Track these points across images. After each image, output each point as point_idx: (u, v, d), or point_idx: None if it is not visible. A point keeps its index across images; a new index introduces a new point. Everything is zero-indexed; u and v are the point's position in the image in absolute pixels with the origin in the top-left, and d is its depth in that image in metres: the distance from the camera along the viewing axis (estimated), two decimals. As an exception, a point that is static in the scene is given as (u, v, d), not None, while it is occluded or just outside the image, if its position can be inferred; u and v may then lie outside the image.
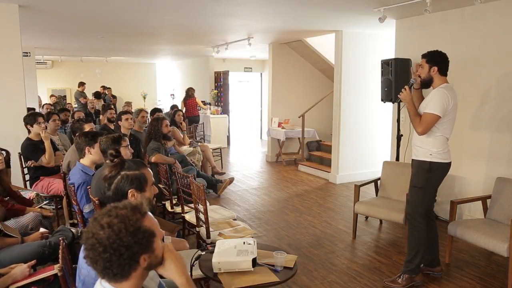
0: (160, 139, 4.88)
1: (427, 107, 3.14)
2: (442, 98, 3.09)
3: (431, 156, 3.17)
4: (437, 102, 3.09)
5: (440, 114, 3.09)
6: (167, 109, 11.15)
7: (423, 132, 3.16)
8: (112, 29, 6.54)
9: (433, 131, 3.16)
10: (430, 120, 3.12)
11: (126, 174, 2.02)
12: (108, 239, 1.19)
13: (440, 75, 3.20)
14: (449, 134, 3.22)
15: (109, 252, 1.19)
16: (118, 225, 1.21)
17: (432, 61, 3.19)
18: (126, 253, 1.21)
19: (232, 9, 4.97)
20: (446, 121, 3.14)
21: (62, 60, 12.31)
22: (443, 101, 3.08)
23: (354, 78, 6.59)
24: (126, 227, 1.22)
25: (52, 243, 2.70)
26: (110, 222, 1.21)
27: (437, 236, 3.43)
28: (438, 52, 3.22)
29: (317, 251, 3.96)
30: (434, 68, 3.18)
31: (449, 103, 3.09)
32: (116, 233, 1.20)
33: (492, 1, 4.21)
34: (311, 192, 6.20)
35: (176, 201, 4.09)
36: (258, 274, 2.33)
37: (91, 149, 3.12)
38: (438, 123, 3.13)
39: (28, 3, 4.52)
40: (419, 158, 3.24)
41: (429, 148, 3.18)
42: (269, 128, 8.63)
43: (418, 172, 3.26)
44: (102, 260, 1.20)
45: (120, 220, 1.22)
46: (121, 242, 1.20)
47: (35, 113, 4.55)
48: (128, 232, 1.21)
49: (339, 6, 4.81)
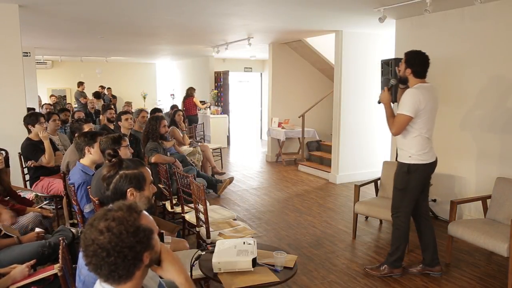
0: (157, 139, 4.85)
1: (399, 108, 3.18)
2: (413, 99, 3.10)
3: (410, 158, 3.21)
4: (408, 103, 3.11)
5: (412, 115, 3.10)
6: (167, 109, 11.15)
7: (396, 133, 3.22)
8: (112, 29, 6.54)
9: (409, 131, 3.18)
10: (401, 121, 3.14)
11: (124, 173, 2.02)
12: (110, 242, 1.18)
13: (415, 77, 3.19)
14: (429, 134, 3.21)
15: (113, 256, 1.18)
16: (117, 228, 1.20)
17: (408, 63, 3.19)
18: (130, 254, 1.21)
19: (232, 9, 4.97)
20: (420, 121, 3.14)
21: (62, 60, 12.32)
22: (414, 101, 3.09)
23: (354, 78, 6.59)
24: (126, 228, 1.21)
25: (52, 243, 2.70)
26: (108, 225, 1.20)
27: (434, 236, 3.44)
28: (418, 54, 3.20)
29: (317, 251, 3.96)
30: (408, 69, 3.19)
31: (421, 103, 3.08)
32: (117, 236, 1.19)
33: (492, 1, 4.21)
34: (311, 192, 6.20)
35: (176, 201, 4.09)
36: (258, 274, 2.33)
37: (91, 149, 3.12)
38: (413, 123, 3.14)
39: (28, 3, 4.52)
40: (400, 160, 3.31)
41: (408, 149, 3.21)
42: (269, 128, 8.63)
43: (398, 174, 3.33)
44: (107, 265, 1.19)
45: (118, 223, 1.21)
46: (124, 243, 1.20)
47: (37, 113, 4.55)
48: (129, 233, 1.21)
49: (339, 6, 4.81)
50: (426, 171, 3.27)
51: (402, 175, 3.27)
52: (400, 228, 3.34)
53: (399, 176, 3.31)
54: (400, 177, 3.30)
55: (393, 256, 3.38)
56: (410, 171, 3.21)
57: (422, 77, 3.20)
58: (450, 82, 4.77)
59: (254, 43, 7.67)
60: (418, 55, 3.20)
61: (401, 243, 3.36)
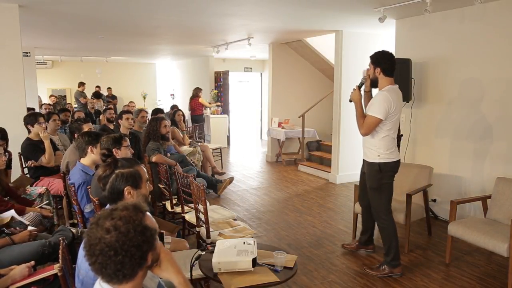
0: (158, 139, 4.88)
1: (370, 110, 3.27)
2: (385, 102, 3.18)
3: (379, 158, 3.31)
4: (379, 105, 3.19)
5: (382, 118, 3.20)
6: (167, 109, 11.15)
7: (366, 134, 3.32)
8: (112, 29, 6.54)
9: (378, 132, 3.29)
10: (372, 123, 3.24)
11: (120, 172, 2.01)
12: (118, 241, 1.18)
13: (385, 76, 3.26)
14: (395, 134, 3.35)
15: (121, 254, 1.18)
16: (125, 226, 1.21)
17: (375, 63, 3.27)
18: (137, 253, 1.21)
19: (232, 9, 4.97)
20: (389, 123, 3.25)
21: (62, 60, 12.31)
22: (386, 104, 3.18)
23: (354, 78, 6.58)
24: (134, 227, 1.22)
25: (52, 243, 2.70)
26: (115, 224, 1.21)
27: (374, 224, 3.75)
28: (382, 53, 3.29)
29: (317, 251, 3.96)
30: (377, 69, 3.26)
31: (391, 106, 3.18)
32: (124, 234, 1.20)
33: (492, 1, 4.21)
34: (311, 192, 6.20)
35: (176, 201, 4.08)
36: (258, 274, 2.33)
37: (94, 149, 3.13)
38: (382, 125, 3.25)
39: (28, 3, 4.51)
40: (369, 160, 3.40)
41: (377, 149, 3.32)
42: (269, 128, 8.63)
43: (370, 174, 3.41)
44: (114, 264, 1.19)
45: (125, 221, 1.22)
46: (131, 242, 1.20)
47: (36, 113, 4.56)
48: (137, 232, 1.22)
49: (339, 6, 4.81)
50: (395, 168, 3.39)
51: (374, 174, 3.36)
52: (386, 226, 3.41)
53: (372, 175, 3.39)
54: (373, 176, 3.38)
55: (389, 256, 3.41)
56: (382, 169, 3.31)
57: (391, 75, 3.29)
58: (450, 82, 4.77)
59: (254, 43, 7.67)
60: (383, 53, 3.29)
61: (392, 241, 3.40)
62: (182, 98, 13.29)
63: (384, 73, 3.26)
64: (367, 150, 3.41)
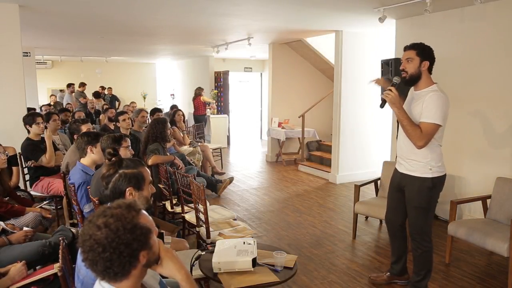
0: (162, 141, 4.81)
1: (426, 116, 2.67)
2: (444, 104, 2.66)
3: (432, 171, 2.77)
4: (438, 109, 2.64)
5: (442, 124, 2.66)
6: (167, 109, 11.15)
7: (425, 145, 2.70)
8: (112, 29, 6.54)
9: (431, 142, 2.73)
10: (432, 132, 2.66)
11: (124, 172, 2.01)
12: (107, 238, 1.19)
13: (429, 73, 2.77)
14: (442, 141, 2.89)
15: (109, 251, 1.19)
16: (115, 224, 1.21)
17: (424, 55, 2.73)
18: (126, 251, 1.21)
19: (232, 9, 4.97)
20: (442, 128, 2.74)
21: (62, 60, 12.32)
22: (445, 108, 2.66)
23: (354, 78, 6.59)
24: (123, 225, 1.22)
25: (52, 243, 2.71)
26: (106, 221, 1.21)
27: (407, 248, 3.22)
28: (426, 45, 2.79)
29: (317, 251, 3.96)
30: (425, 62, 2.72)
31: (448, 109, 2.70)
32: (114, 232, 1.20)
33: (492, 1, 4.21)
34: (311, 192, 6.20)
35: (176, 201, 4.08)
36: (258, 274, 2.33)
37: (94, 148, 3.13)
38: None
39: (28, 3, 4.51)
40: (417, 175, 2.81)
41: (428, 161, 2.76)
42: (269, 128, 8.63)
43: (420, 191, 2.82)
44: (102, 260, 1.20)
45: (116, 219, 1.22)
46: (120, 240, 1.20)
47: (34, 113, 4.53)
48: (126, 229, 1.22)
49: (339, 6, 4.81)
50: (444, 183, 2.87)
51: (426, 192, 2.79)
52: (427, 249, 2.93)
53: (423, 193, 2.80)
54: (424, 194, 2.80)
55: (423, 283, 2.97)
56: (435, 185, 2.78)
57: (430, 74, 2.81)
58: (450, 82, 4.76)
59: (254, 43, 7.67)
60: (429, 47, 2.79)
61: (430, 266, 2.97)
62: (182, 98, 13.30)
63: (429, 69, 2.73)
64: (414, 163, 2.81)
